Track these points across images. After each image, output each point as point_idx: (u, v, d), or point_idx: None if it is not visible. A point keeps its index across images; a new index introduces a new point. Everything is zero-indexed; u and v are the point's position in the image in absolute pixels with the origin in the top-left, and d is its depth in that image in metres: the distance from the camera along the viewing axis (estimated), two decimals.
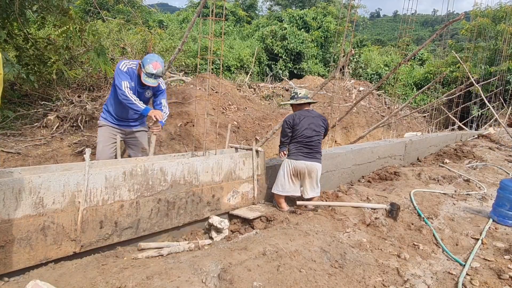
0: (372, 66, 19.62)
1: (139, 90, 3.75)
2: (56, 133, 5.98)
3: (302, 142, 4.09)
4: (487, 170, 6.62)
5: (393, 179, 5.68)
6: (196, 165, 3.47)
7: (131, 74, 3.63)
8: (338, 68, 5.97)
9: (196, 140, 6.26)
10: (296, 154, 4.09)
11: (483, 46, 15.95)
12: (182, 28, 17.89)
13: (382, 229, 3.59)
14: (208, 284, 2.32)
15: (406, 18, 7.42)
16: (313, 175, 4.11)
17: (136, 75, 3.68)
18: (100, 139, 3.81)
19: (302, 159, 4.06)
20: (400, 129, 12.80)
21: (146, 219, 3.09)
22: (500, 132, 11.75)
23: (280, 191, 4.16)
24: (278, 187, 4.17)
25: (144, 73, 3.54)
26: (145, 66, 3.52)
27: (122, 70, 3.57)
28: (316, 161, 4.13)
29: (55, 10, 5.61)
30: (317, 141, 4.16)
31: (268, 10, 31.75)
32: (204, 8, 14.13)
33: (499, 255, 3.20)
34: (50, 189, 2.50)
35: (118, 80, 3.53)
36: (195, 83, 9.12)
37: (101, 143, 3.78)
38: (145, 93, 3.82)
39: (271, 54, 18.23)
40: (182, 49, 5.03)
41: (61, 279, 2.31)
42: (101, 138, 3.80)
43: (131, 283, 2.26)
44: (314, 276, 2.52)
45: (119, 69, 3.59)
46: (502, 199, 4.04)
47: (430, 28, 70.21)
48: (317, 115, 4.25)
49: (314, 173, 4.11)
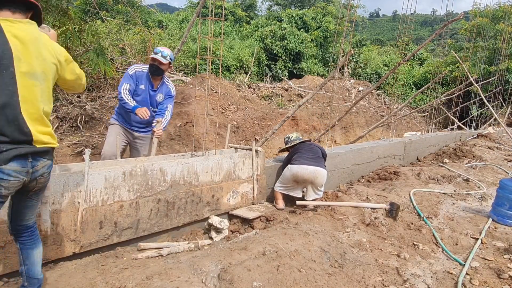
0: (372, 66, 19.63)
1: (151, 93, 3.86)
2: (55, 134, 5.98)
3: (305, 153, 4.19)
4: (487, 170, 6.63)
5: (392, 179, 5.68)
6: (196, 165, 3.47)
7: (138, 77, 3.77)
8: (338, 68, 5.97)
9: (195, 140, 6.26)
10: (300, 161, 4.11)
11: (482, 46, 15.96)
12: (182, 28, 17.89)
13: (382, 228, 3.59)
14: (208, 284, 2.32)
15: (405, 18, 7.42)
16: (317, 181, 4.07)
17: (146, 77, 3.81)
18: (110, 132, 3.89)
19: (306, 164, 4.06)
20: (400, 129, 12.81)
21: (145, 219, 3.09)
22: (500, 132, 11.76)
23: (281, 189, 4.19)
24: (280, 185, 4.22)
25: (153, 53, 3.74)
26: (155, 49, 3.78)
27: (129, 73, 3.75)
28: (321, 166, 4.13)
29: (54, 11, 5.61)
30: (319, 155, 4.27)
31: (267, 10, 31.73)
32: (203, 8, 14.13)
33: (499, 255, 3.20)
34: (49, 189, 2.50)
35: (121, 82, 3.72)
36: (195, 83, 9.12)
37: (111, 135, 3.83)
38: (156, 96, 3.90)
39: (271, 54, 18.23)
40: (181, 49, 5.04)
41: (61, 280, 2.31)
42: (111, 132, 3.89)
43: (130, 283, 2.26)
44: (314, 276, 2.52)
45: (126, 72, 3.78)
46: (501, 199, 4.04)
47: (429, 28, 70.29)
48: (314, 145, 4.42)
49: (319, 179, 4.07)
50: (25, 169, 1.82)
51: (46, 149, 1.91)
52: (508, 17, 16.07)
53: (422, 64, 22.08)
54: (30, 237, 2.07)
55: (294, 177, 4.07)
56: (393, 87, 15.31)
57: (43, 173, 1.94)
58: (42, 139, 1.86)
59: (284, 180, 4.19)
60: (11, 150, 1.74)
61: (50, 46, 1.93)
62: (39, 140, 1.85)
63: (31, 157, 1.84)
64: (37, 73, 1.84)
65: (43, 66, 1.87)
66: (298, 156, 4.19)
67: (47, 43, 1.92)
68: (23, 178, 1.83)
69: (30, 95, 1.81)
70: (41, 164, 1.91)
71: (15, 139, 1.75)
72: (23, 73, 1.77)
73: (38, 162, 1.89)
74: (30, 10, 1.89)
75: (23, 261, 2.06)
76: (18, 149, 1.77)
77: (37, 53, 1.84)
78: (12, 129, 1.74)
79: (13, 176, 1.77)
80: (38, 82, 1.84)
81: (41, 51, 1.86)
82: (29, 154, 1.83)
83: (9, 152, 1.73)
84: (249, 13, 27.91)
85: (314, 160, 4.15)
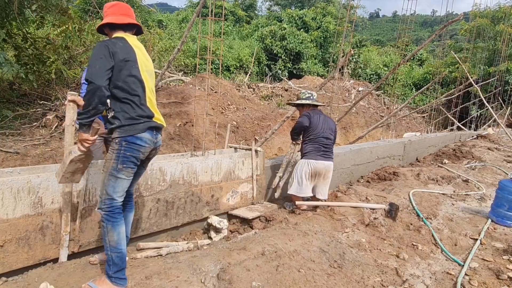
0: (371, 66, 19.65)
1: None
2: (55, 133, 5.98)
3: (319, 142, 4.01)
4: (486, 171, 6.63)
5: (392, 179, 5.69)
6: (195, 165, 3.47)
7: None
8: (337, 68, 5.98)
9: (195, 140, 6.26)
10: (315, 155, 3.98)
11: (482, 47, 15.98)
12: (181, 28, 17.90)
13: (381, 229, 3.59)
14: (207, 284, 2.32)
15: (405, 18, 7.43)
16: (329, 175, 4.06)
17: None
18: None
19: (321, 159, 3.98)
20: (399, 129, 12.83)
21: (145, 219, 3.09)
22: (499, 133, 11.77)
23: (298, 192, 3.97)
24: (296, 189, 3.98)
25: None
26: None
27: None
28: (332, 161, 4.10)
29: (54, 10, 5.61)
30: (331, 143, 4.15)
31: (267, 10, 31.74)
32: (203, 8, 14.13)
33: (498, 255, 3.21)
34: (49, 188, 2.50)
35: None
36: (194, 83, 9.13)
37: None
38: None
39: (270, 54, 18.24)
40: (181, 49, 5.03)
41: (60, 279, 2.31)
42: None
43: (130, 283, 2.26)
44: (313, 276, 2.52)
45: None
46: (500, 199, 4.05)
47: (429, 29, 70.34)
48: (329, 118, 4.23)
49: (330, 173, 4.06)
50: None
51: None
52: (508, 18, 16.10)
53: (422, 65, 22.12)
54: (130, 202, 2.58)
55: (313, 172, 3.94)
56: (393, 88, 15.32)
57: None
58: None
59: (299, 180, 3.96)
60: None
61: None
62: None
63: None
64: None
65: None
66: (314, 148, 3.99)
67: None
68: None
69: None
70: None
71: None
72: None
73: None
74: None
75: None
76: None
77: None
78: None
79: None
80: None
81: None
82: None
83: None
84: (249, 13, 27.92)
85: (327, 154, 4.03)
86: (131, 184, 2.48)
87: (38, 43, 6.36)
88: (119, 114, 2.25)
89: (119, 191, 2.28)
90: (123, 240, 2.28)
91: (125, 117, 2.24)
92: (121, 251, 2.25)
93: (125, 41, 2.33)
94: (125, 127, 2.24)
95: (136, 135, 2.26)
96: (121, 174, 2.25)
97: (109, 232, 2.24)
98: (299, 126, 4.12)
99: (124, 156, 2.24)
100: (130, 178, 2.33)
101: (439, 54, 18.04)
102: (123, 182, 2.29)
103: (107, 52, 2.18)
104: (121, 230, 2.27)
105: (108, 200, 2.25)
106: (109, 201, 2.25)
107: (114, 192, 2.26)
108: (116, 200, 2.27)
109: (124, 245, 2.28)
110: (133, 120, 2.25)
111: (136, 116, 2.27)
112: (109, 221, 2.25)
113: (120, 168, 2.24)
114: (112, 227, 2.24)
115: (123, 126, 2.24)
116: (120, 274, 2.23)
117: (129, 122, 2.24)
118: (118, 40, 2.31)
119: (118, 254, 2.23)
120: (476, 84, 11.07)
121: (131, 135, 2.24)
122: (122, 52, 2.24)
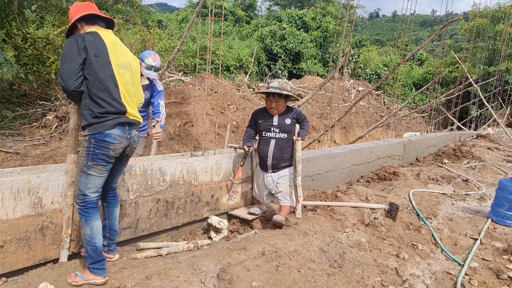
0: (371, 66, 19.65)
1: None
2: (55, 133, 5.98)
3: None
4: (486, 170, 6.64)
5: (392, 179, 5.69)
6: (195, 165, 3.47)
7: None
8: (337, 68, 5.98)
9: (195, 140, 6.26)
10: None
11: (482, 46, 15.98)
12: (181, 28, 17.90)
13: (381, 229, 3.59)
14: (207, 284, 2.32)
15: (405, 18, 7.43)
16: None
17: None
18: None
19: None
20: (399, 129, 12.82)
21: (145, 219, 3.09)
22: (499, 132, 11.77)
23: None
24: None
25: (144, 67, 3.68)
26: (145, 60, 3.72)
27: None
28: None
29: (54, 10, 5.61)
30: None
31: (267, 10, 31.73)
32: (203, 8, 14.13)
33: (498, 255, 3.21)
34: (49, 189, 2.50)
35: None
36: (194, 83, 9.13)
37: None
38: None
39: (270, 54, 18.24)
40: (181, 49, 5.03)
41: (60, 279, 2.31)
42: None
43: (130, 283, 2.26)
44: (313, 276, 2.53)
45: None
46: (500, 199, 4.05)
47: (429, 29, 70.35)
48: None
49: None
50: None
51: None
52: (508, 17, 16.09)
53: (422, 65, 22.11)
54: (114, 197, 2.62)
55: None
56: (392, 88, 15.31)
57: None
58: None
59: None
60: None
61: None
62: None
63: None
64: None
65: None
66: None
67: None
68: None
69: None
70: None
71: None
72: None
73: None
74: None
75: (108, 216, 2.60)
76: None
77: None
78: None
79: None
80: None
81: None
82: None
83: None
84: (249, 13, 27.90)
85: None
86: (111, 181, 2.51)
87: (38, 43, 6.36)
88: (86, 112, 2.26)
89: (91, 187, 2.29)
90: (97, 234, 2.31)
91: (91, 116, 2.24)
92: (95, 244, 2.29)
93: (97, 35, 2.30)
94: (92, 125, 2.24)
95: (104, 132, 2.24)
96: (91, 171, 2.26)
97: (83, 226, 2.29)
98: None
99: (94, 154, 2.24)
100: (103, 175, 2.33)
101: (439, 54, 18.04)
102: (95, 179, 2.29)
103: (75, 48, 2.17)
104: (94, 224, 2.29)
105: (81, 195, 2.29)
106: (82, 196, 2.29)
107: (86, 188, 2.28)
108: (89, 196, 2.29)
109: (98, 239, 2.31)
110: (99, 118, 2.23)
111: (103, 113, 2.23)
112: (83, 216, 2.28)
113: (90, 165, 2.25)
114: (86, 221, 2.28)
115: (90, 124, 2.24)
116: (97, 265, 2.29)
117: (95, 120, 2.23)
118: (89, 34, 2.28)
119: (92, 247, 2.28)
120: (476, 84, 11.07)
121: (99, 132, 2.23)
122: (91, 47, 2.21)
